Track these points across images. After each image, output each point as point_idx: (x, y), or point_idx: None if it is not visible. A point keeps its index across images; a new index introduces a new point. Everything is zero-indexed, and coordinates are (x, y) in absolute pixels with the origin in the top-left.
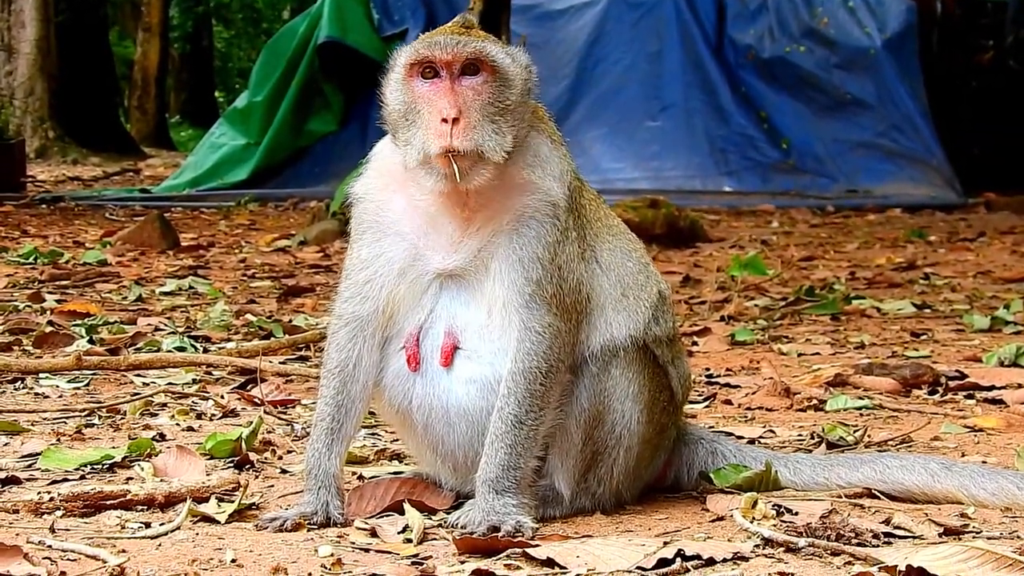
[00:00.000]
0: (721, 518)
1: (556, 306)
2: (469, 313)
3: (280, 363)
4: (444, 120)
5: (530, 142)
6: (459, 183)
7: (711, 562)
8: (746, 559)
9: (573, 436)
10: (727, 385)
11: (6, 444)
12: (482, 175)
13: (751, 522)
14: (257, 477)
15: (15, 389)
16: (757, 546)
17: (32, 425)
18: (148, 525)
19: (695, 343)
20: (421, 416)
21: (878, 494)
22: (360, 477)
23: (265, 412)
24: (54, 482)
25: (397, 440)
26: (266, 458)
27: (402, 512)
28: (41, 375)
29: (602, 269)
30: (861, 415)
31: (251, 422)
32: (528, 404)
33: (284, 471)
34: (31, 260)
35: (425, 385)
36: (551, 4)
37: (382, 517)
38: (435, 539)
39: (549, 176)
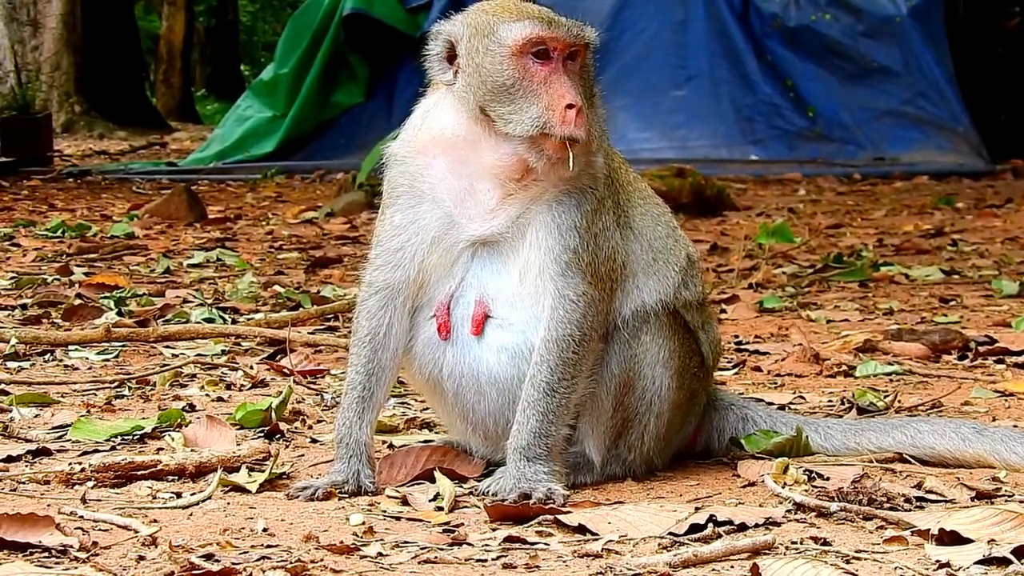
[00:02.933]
0: (752, 483)
1: (591, 275)
2: (500, 281)
3: (309, 333)
4: (570, 106)
5: None
6: (571, 169)
7: (743, 527)
8: (778, 524)
9: (604, 403)
10: (756, 352)
11: (36, 416)
12: (582, 162)
13: (782, 487)
14: (287, 447)
15: (45, 361)
16: (789, 511)
17: (62, 397)
18: (179, 495)
19: (723, 311)
20: (452, 384)
21: (909, 459)
22: (390, 446)
23: (294, 382)
24: (85, 453)
25: (427, 409)
26: (296, 428)
27: (433, 480)
28: (70, 347)
29: (635, 235)
30: (891, 381)
31: (280, 392)
32: (561, 372)
33: (314, 440)
34: (59, 234)
35: (456, 353)
36: None
37: (413, 485)
38: (466, 507)
39: (597, 153)
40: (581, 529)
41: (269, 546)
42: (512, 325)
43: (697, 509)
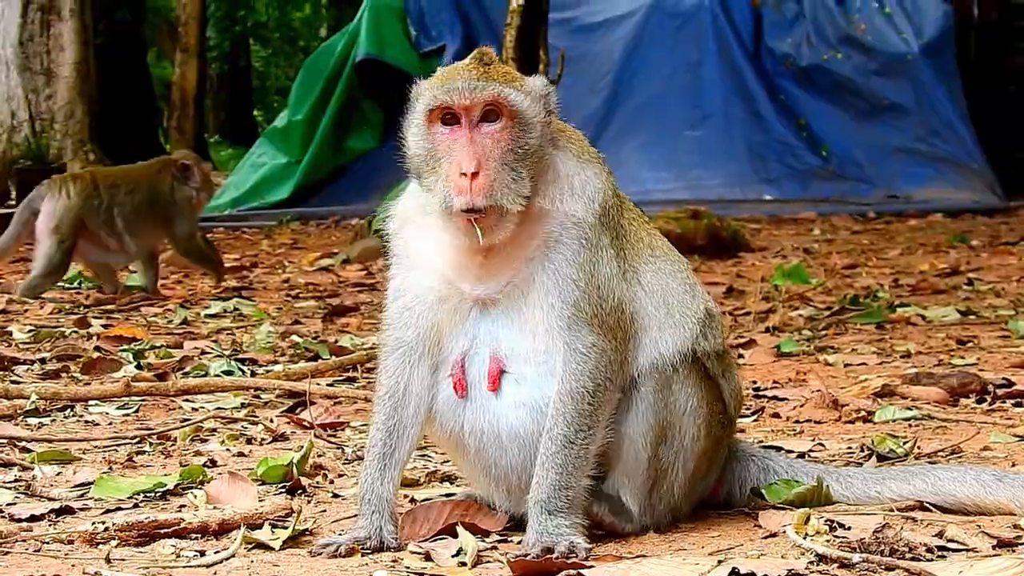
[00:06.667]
0: (774, 534)
1: (598, 325)
2: (512, 337)
3: (328, 385)
4: (463, 175)
5: (552, 162)
6: (481, 241)
7: None
8: None
9: (640, 454)
10: (775, 398)
11: (59, 473)
12: (504, 228)
13: (804, 538)
14: (310, 502)
15: (65, 417)
16: (811, 562)
17: (83, 453)
18: (203, 553)
19: (741, 355)
20: (473, 441)
21: (930, 507)
22: (412, 500)
23: (315, 436)
24: (108, 511)
25: (448, 462)
26: (318, 482)
27: (455, 535)
28: (91, 402)
29: (646, 292)
30: (910, 426)
31: (301, 446)
32: (577, 424)
33: (336, 495)
34: (76, 285)
35: (474, 411)
36: (588, 16)
37: (436, 540)
38: (489, 562)
39: (568, 196)
40: None
41: None
42: (528, 380)
43: (720, 562)
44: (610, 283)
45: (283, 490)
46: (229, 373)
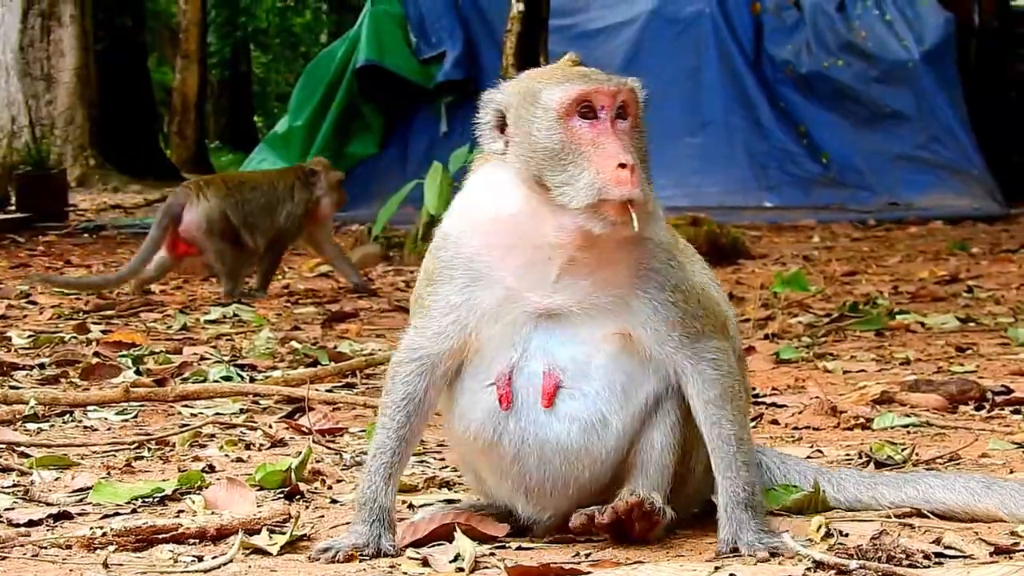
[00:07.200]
0: None
1: (710, 328)
2: (570, 351)
3: (327, 391)
4: (621, 165)
5: None
6: (636, 228)
7: None
8: None
9: (667, 463)
10: (774, 405)
11: (57, 479)
12: (647, 224)
13: (802, 545)
14: (308, 507)
15: (64, 422)
16: (808, 569)
17: (82, 459)
18: (200, 559)
19: None
20: (511, 450)
21: (927, 514)
22: (410, 506)
23: (314, 441)
24: (106, 516)
25: (446, 467)
26: (316, 488)
27: (453, 540)
28: (89, 408)
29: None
30: (908, 433)
31: (300, 452)
32: (740, 420)
33: (334, 501)
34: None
35: (518, 422)
36: (588, 23)
37: (434, 546)
38: (487, 567)
39: (657, 220)
40: None
41: None
42: (585, 396)
43: (717, 568)
44: (706, 289)
45: (281, 496)
46: (228, 379)
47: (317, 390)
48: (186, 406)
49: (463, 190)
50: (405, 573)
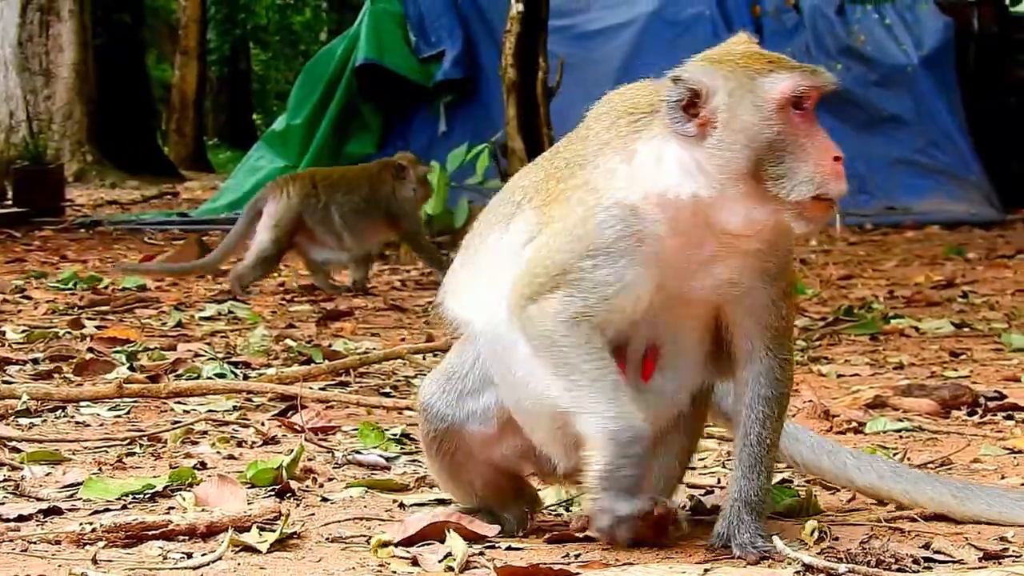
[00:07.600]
0: None
1: (791, 332)
2: (673, 329)
3: (320, 389)
4: (836, 159)
5: None
6: (838, 227)
7: None
8: None
9: (677, 468)
10: None
11: (48, 474)
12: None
13: (794, 548)
14: (298, 505)
15: (56, 418)
16: (798, 572)
17: (73, 454)
18: (190, 556)
19: None
20: None
21: (916, 517)
22: (401, 505)
23: (306, 439)
24: (96, 512)
25: None
26: (307, 486)
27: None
28: (82, 403)
29: None
30: (901, 437)
31: (292, 450)
32: (779, 430)
33: (325, 499)
34: (71, 285)
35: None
36: (588, 24)
37: (424, 545)
38: (476, 567)
39: None
40: None
41: None
42: (674, 372)
43: (707, 571)
44: (788, 298)
45: (272, 493)
46: (222, 376)
47: (310, 388)
48: (179, 403)
49: (633, 165)
50: (395, 572)
